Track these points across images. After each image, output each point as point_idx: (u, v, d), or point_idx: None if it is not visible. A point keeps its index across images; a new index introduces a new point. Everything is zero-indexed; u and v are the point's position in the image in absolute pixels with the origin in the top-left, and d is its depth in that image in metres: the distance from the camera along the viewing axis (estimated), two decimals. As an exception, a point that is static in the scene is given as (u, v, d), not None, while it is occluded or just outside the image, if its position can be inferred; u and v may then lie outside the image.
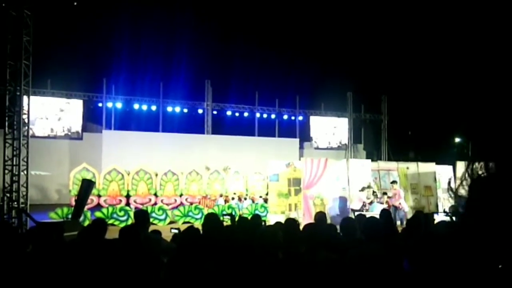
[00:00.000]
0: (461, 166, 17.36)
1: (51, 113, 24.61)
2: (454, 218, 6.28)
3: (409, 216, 13.54)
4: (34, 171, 18.93)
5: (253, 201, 17.79)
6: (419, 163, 16.95)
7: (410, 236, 4.20)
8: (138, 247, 3.85)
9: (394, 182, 14.96)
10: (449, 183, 1.19)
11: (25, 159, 13.00)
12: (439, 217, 6.11)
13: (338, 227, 5.97)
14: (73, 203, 14.02)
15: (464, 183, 1.07)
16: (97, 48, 24.05)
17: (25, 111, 13.12)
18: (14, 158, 12.68)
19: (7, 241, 3.90)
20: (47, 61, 20.11)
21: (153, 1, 23.87)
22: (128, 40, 23.97)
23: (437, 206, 16.34)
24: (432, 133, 31.08)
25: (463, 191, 1.06)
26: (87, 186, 12.65)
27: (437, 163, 17.20)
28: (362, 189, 14.14)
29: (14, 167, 12.67)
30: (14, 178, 12.63)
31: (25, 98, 13.07)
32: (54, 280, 3.43)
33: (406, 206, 14.44)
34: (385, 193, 14.43)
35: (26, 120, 13.25)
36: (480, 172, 1.07)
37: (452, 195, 1.10)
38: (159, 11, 24.33)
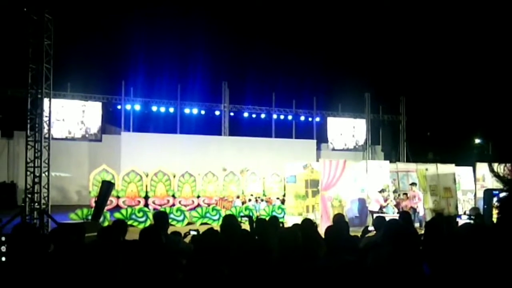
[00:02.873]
0: (481, 167, 17.10)
1: (70, 116, 24.95)
2: (477, 220, 6.16)
3: (427, 218, 13.42)
4: (55, 172, 19.24)
5: (268, 203, 17.77)
6: (439, 165, 16.72)
7: (430, 239, 4.15)
8: (158, 249, 3.88)
9: (413, 184, 14.76)
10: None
11: (47, 161, 13.21)
12: (462, 221, 5.99)
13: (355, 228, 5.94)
14: (93, 204, 14.19)
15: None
16: (116, 51, 24.37)
17: (46, 113, 13.34)
18: (36, 160, 12.89)
19: (30, 242, 3.98)
20: (67, 64, 20.43)
21: (170, 5, 24.05)
22: (146, 43, 24.23)
23: (456, 208, 16.10)
24: (452, 134, 30.67)
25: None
26: (107, 187, 12.80)
27: (456, 165, 16.96)
28: (382, 191, 14.02)
29: (36, 169, 12.88)
30: (35, 180, 12.84)
31: (45, 100, 13.28)
32: (75, 280, 3.48)
33: (422, 209, 14.29)
34: (405, 194, 14.29)
35: (47, 123, 13.46)
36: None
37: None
38: (177, 14, 24.52)
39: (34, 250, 3.90)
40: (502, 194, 1.11)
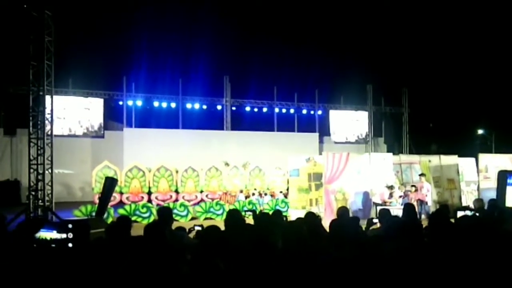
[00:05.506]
0: (483, 158, 17.05)
1: (73, 112, 24.97)
2: (477, 213, 6.12)
3: (432, 210, 13.39)
4: (58, 169, 19.26)
5: (272, 196, 17.77)
6: (442, 156, 16.68)
7: (434, 231, 4.13)
8: (162, 244, 3.89)
9: (422, 175, 14.68)
10: None
11: (50, 158, 13.23)
12: (461, 213, 5.96)
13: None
14: (96, 200, 14.22)
15: None
16: (117, 47, 24.31)
17: (48, 110, 13.34)
18: (39, 157, 12.91)
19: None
20: (68, 60, 20.39)
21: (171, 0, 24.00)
22: (147, 38, 24.15)
23: (460, 199, 16.07)
24: (454, 125, 30.62)
25: None
26: (110, 184, 12.80)
27: (459, 156, 16.92)
28: (390, 187, 13.96)
29: (39, 166, 12.90)
30: (39, 177, 12.87)
31: (47, 97, 13.28)
32: (83, 277, 3.49)
33: (430, 200, 14.22)
34: (414, 186, 14.25)
35: (49, 120, 13.47)
36: None
37: None
38: (178, 9, 24.43)
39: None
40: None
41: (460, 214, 5.37)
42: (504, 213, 6.37)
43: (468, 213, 5.56)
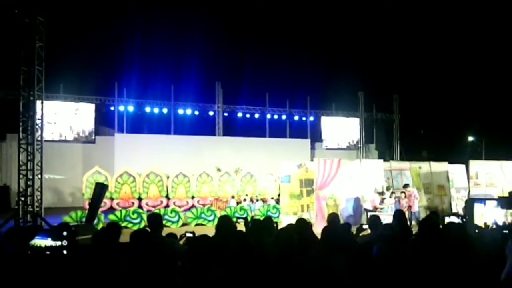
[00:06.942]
0: (473, 164, 17.19)
1: (64, 117, 24.81)
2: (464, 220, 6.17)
3: (422, 216, 13.47)
4: (48, 174, 19.11)
5: (264, 202, 17.76)
6: (432, 163, 16.79)
7: (425, 237, 4.16)
8: (149, 251, 3.87)
9: (406, 185, 14.84)
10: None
11: (39, 164, 13.12)
12: (450, 220, 6.01)
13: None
14: (87, 206, 14.13)
15: None
16: (109, 52, 24.24)
17: (38, 116, 13.25)
18: (29, 163, 12.81)
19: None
20: (59, 66, 20.31)
21: (163, 5, 23.99)
22: (139, 43, 24.13)
23: (450, 205, 16.17)
24: (445, 131, 30.84)
25: None
26: (100, 189, 12.74)
27: (450, 162, 17.03)
28: (381, 193, 14.04)
29: (29, 172, 12.80)
30: (28, 183, 12.76)
31: (38, 103, 13.20)
32: (70, 283, 3.47)
33: (417, 206, 14.35)
34: (403, 192, 14.35)
35: (40, 125, 13.38)
36: None
37: None
38: (170, 15, 24.45)
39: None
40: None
41: (447, 220, 5.41)
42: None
43: (455, 219, 5.60)
